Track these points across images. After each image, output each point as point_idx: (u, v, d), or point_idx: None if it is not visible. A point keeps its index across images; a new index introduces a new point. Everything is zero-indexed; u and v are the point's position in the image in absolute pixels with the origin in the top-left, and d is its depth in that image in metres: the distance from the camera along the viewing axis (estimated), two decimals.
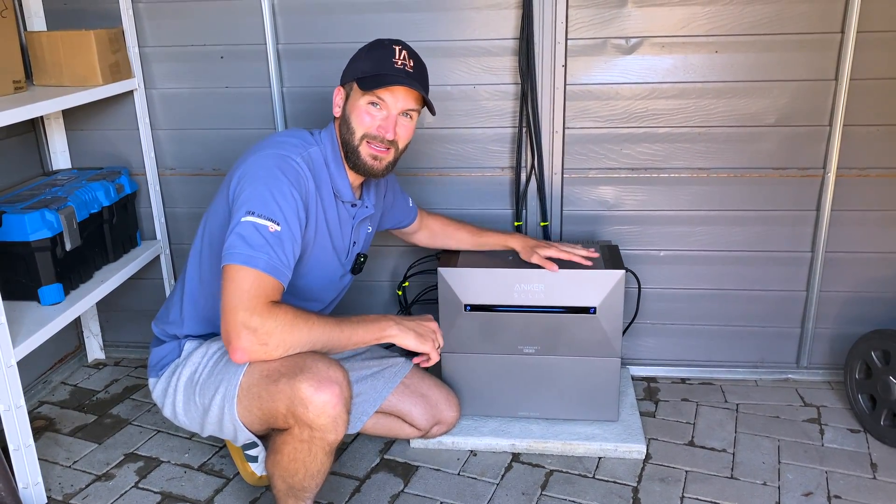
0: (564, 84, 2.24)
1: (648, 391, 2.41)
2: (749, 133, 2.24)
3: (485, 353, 2.11)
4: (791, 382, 2.44)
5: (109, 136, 2.47)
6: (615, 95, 2.25)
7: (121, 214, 2.35)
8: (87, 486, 2.01)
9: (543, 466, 2.04)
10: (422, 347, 1.72)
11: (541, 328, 2.05)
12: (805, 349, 2.42)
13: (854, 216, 2.27)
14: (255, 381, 1.60)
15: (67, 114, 2.45)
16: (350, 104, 1.74)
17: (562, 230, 2.38)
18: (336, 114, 1.78)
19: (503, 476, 2.01)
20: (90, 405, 2.41)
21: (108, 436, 2.24)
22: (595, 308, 2.01)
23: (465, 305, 2.06)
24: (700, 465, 2.03)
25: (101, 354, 2.71)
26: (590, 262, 2.02)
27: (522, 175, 2.33)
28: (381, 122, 1.72)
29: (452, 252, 2.17)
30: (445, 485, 1.98)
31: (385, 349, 2.15)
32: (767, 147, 2.25)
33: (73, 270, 2.12)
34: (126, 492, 1.99)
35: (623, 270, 1.99)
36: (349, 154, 1.75)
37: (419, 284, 2.46)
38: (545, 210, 2.34)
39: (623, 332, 2.25)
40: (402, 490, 1.96)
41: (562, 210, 2.37)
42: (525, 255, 2.05)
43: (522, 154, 2.31)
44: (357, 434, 2.14)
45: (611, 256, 2.09)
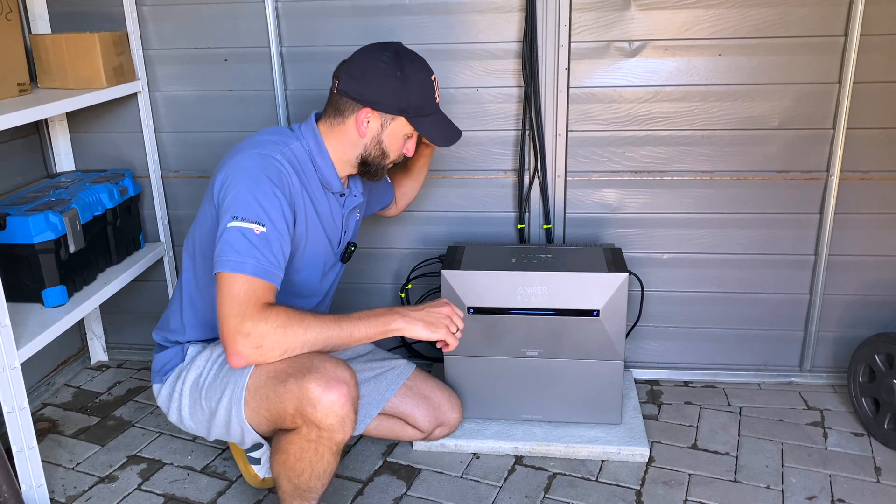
0: (568, 87, 2.24)
1: (651, 394, 2.41)
2: (752, 136, 2.24)
3: (488, 356, 2.11)
4: (794, 386, 2.43)
5: (113, 139, 2.48)
6: (618, 98, 2.25)
7: (124, 217, 2.35)
8: (90, 489, 2.01)
9: (546, 469, 2.04)
10: (434, 335, 1.68)
11: (544, 331, 2.05)
12: (808, 352, 2.42)
13: (857, 219, 2.27)
14: (263, 383, 1.61)
15: (71, 116, 2.46)
16: (389, 130, 1.75)
17: (565, 233, 2.38)
18: (362, 135, 1.75)
19: (506, 479, 2.01)
20: (93, 407, 2.41)
21: (112, 438, 2.24)
22: (598, 311, 2.01)
23: (469, 308, 2.06)
24: (703, 469, 2.03)
25: (105, 356, 2.71)
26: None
27: (525, 178, 2.33)
28: (408, 146, 1.82)
29: (456, 254, 2.17)
30: (448, 487, 1.98)
31: (388, 351, 2.15)
32: (771, 150, 2.25)
33: (77, 272, 2.12)
34: (129, 494, 1.99)
35: (626, 273, 1.99)
36: (370, 167, 1.80)
37: (422, 287, 2.47)
38: (548, 213, 2.34)
39: (626, 335, 2.25)
40: (405, 493, 1.96)
41: (565, 213, 2.37)
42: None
43: (526, 157, 2.31)
44: (360, 436, 2.15)
45: (614, 259, 2.08)
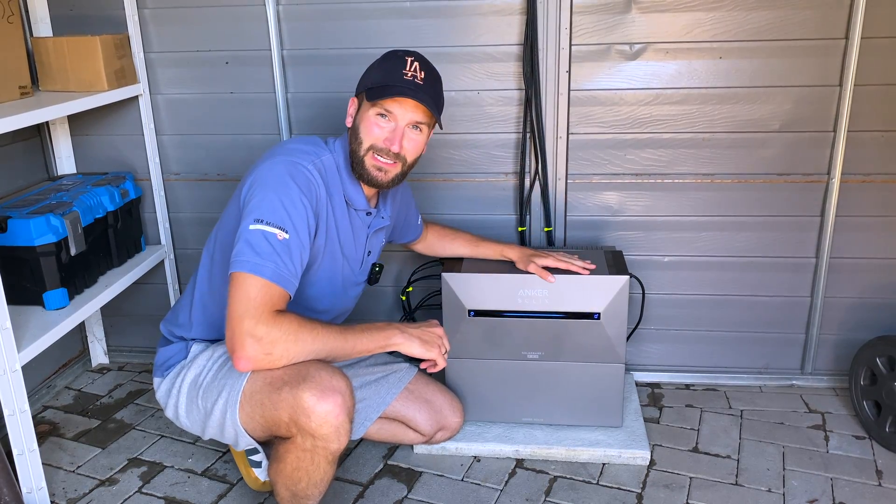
0: (568, 90, 2.24)
1: (652, 397, 2.40)
2: (753, 139, 2.24)
3: (489, 359, 2.10)
4: (796, 389, 2.43)
5: (114, 142, 2.48)
6: (619, 101, 2.25)
7: (125, 219, 2.35)
8: (91, 491, 2.01)
9: (547, 472, 2.04)
10: (428, 354, 1.72)
11: (545, 334, 2.05)
12: (810, 355, 2.42)
13: (858, 222, 2.27)
14: (258, 389, 1.60)
15: (73, 119, 2.46)
16: (360, 115, 1.73)
17: (566, 235, 2.38)
18: (348, 124, 1.77)
19: (507, 482, 2.00)
20: (94, 410, 2.41)
21: (112, 440, 2.24)
22: (599, 314, 2.01)
23: (469, 311, 2.06)
24: (704, 472, 2.03)
25: (106, 359, 2.71)
26: (587, 272, 2.00)
27: (526, 180, 2.33)
28: (389, 135, 1.70)
29: (456, 257, 2.17)
30: (449, 491, 1.97)
31: (389, 355, 2.15)
32: (771, 153, 2.25)
33: (78, 275, 2.12)
34: (129, 497, 1.98)
35: (627, 276, 1.99)
36: (355, 164, 1.74)
37: (423, 289, 2.46)
38: (549, 215, 2.34)
39: (627, 338, 2.24)
40: (406, 496, 1.96)
41: (566, 215, 2.37)
42: (522, 265, 2.04)
43: (526, 159, 2.31)
44: (360, 439, 2.14)
45: (615, 262, 2.08)
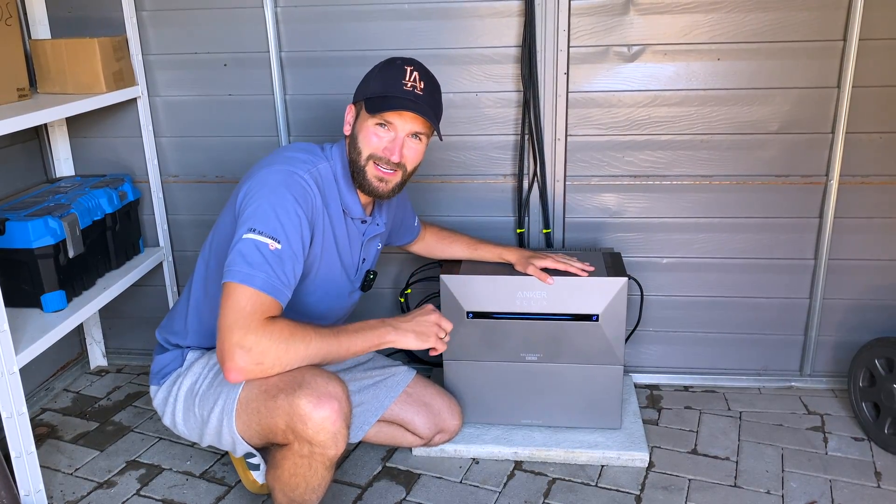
0: (567, 91, 2.24)
1: (651, 399, 2.40)
2: (751, 140, 2.24)
3: (487, 361, 2.10)
4: (794, 390, 2.43)
5: (113, 144, 2.48)
6: (617, 103, 2.25)
7: (124, 222, 2.35)
8: (89, 494, 2.01)
9: (546, 475, 2.04)
10: (424, 344, 1.70)
11: (543, 336, 2.05)
12: (808, 357, 2.42)
13: (857, 224, 2.27)
14: (254, 397, 1.59)
15: (71, 121, 2.46)
16: (359, 123, 1.72)
17: (564, 237, 2.38)
18: (346, 132, 1.76)
19: (505, 484, 2.00)
20: (92, 412, 2.41)
21: (110, 443, 2.24)
22: (597, 315, 2.01)
23: (468, 313, 2.05)
24: (703, 474, 2.02)
25: (104, 361, 2.71)
26: (586, 273, 2.00)
27: (525, 182, 2.33)
28: (388, 144, 1.69)
29: (455, 259, 2.17)
30: (447, 493, 1.97)
31: (387, 357, 2.15)
32: (770, 154, 2.25)
33: (76, 277, 2.12)
34: (128, 499, 1.98)
35: (626, 278, 1.99)
36: (356, 174, 1.72)
37: (421, 291, 2.46)
38: (547, 217, 2.34)
39: (626, 340, 2.25)
40: (404, 498, 1.96)
41: (564, 217, 2.37)
42: (520, 267, 2.04)
43: (525, 161, 2.31)
44: (359, 442, 2.14)
45: (613, 264, 2.08)
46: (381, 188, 1.72)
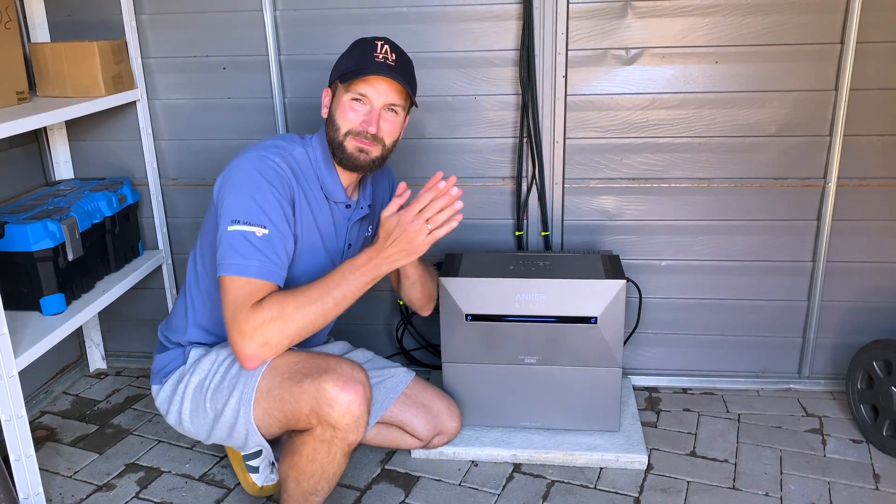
0: (565, 94, 2.25)
1: (650, 401, 2.40)
2: (749, 143, 2.24)
3: (486, 363, 2.10)
4: (793, 392, 2.43)
5: (112, 147, 2.48)
6: (616, 106, 2.25)
7: (123, 224, 2.35)
8: (88, 497, 2.01)
9: (545, 477, 2.04)
10: (419, 252, 1.59)
11: (542, 338, 2.05)
12: (807, 359, 2.42)
13: (855, 226, 2.27)
14: (276, 384, 1.62)
15: (70, 124, 2.46)
16: (335, 102, 1.74)
17: (563, 240, 2.39)
18: (324, 115, 1.78)
19: (504, 487, 2.00)
20: (91, 415, 2.41)
21: (109, 446, 2.24)
22: (596, 318, 2.01)
23: (466, 315, 2.06)
24: (702, 476, 2.03)
25: (103, 364, 2.71)
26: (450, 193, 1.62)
27: (523, 185, 2.34)
28: (365, 117, 1.69)
29: (454, 262, 2.17)
30: (446, 495, 1.97)
31: (386, 359, 2.15)
32: (768, 157, 2.25)
33: (75, 280, 2.12)
34: (127, 502, 1.98)
35: (624, 280, 1.99)
36: (336, 150, 1.72)
37: None
38: (546, 220, 2.34)
39: (624, 342, 2.25)
40: (403, 500, 1.96)
41: (563, 220, 2.37)
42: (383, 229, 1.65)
43: (523, 164, 2.31)
44: (358, 444, 2.13)
45: (612, 266, 2.09)
46: (363, 157, 1.71)
